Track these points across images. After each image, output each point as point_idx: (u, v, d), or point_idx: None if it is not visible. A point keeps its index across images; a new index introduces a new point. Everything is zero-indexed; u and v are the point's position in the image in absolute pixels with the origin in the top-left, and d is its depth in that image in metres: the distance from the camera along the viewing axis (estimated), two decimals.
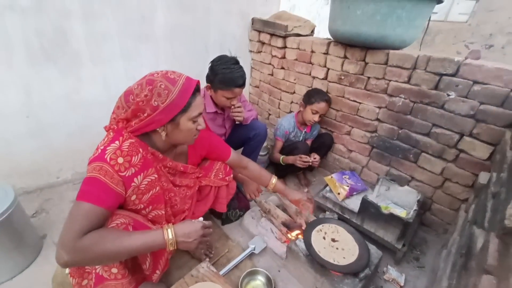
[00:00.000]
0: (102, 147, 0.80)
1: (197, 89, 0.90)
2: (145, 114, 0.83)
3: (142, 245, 0.77)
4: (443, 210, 1.55)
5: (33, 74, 1.52)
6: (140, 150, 0.86)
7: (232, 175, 1.31)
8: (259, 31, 2.32)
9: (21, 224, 1.25)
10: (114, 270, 0.79)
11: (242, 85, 1.46)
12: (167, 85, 0.82)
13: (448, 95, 1.36)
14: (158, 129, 0.88)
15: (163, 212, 0.99)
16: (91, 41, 1.66)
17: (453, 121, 1.38)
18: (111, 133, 0.85)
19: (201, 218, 0.93)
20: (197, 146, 1.14)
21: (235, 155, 1.32)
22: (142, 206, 0.91)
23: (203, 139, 1.16)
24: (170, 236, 0.81)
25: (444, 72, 1.34)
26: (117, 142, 0.81)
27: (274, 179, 1.36)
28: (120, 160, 0.80)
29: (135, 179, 0.85)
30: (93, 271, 0.79)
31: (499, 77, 1.20)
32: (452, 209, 1.51)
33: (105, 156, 0.78)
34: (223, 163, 1.27)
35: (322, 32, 3.25)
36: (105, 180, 0.77)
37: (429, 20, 1.65)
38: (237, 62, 1.46)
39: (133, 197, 0.87)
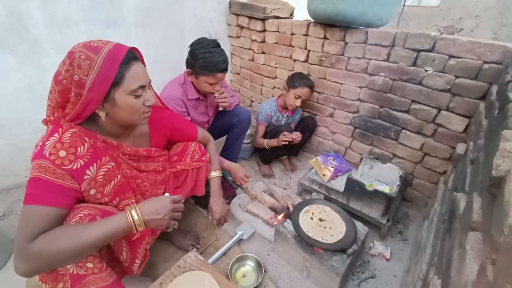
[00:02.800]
0: (41, 143, 0.72)
1: (132, 57, 0.78)
2: (72, 94, 0.73)
3: (105, 234, 0.70)
4: (424, 184, 1.61)
5: None
6: (86, 139, 0.77)
7: (208, 155, 1.24)
8: (237, 15, 2.25)
9: None
10: (90, 265, 0.73)
11: (225, 69, 1.39)
12: (89, 54, 0.71)
13: (426, 70, 1.38)
14: (96, 110, 0.78)
15: (133, 201, 0.92)
16: (52, 26, 1.52)
17: (431, 96, 1.41)
18: (50, 126, 0.76)
19: (167, 194, 0.86)
20: (159, 126, 1.06)
21: (201, 133, 1.25)
22: (107, 199, 0.84)
23: (165, 118, 1.08)
24: (136, 217, 0.74)
25: (422, 48, 1.36)
26: (56, 135, 0.73)
27: (213, 173, 1.23)
28: (62, 153, 0.72)
29: (87, 171, 0.77)
30: (67, 272, 0.72)
31: (473, 50, 1.23)
32: (431, 183, 1.57)
33: (44, 152, 0.70)
34: (197, 143, 1.20)
35: (301, 18, 3.22)
36: (47, 177, 0.69)
37: (405, 0, 1.67)
38: (218, 45, 1.38)
39: (93, 192, 0.79)
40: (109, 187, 0.84)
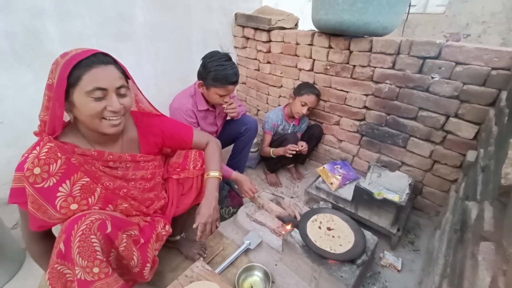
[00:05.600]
0: (26, 154, 0.75)
1: (97, 61, 0.76)
2: (46, 98, 0.76)
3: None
4: (434, 192, 1.57)
5: (4, 78, 1.44)
6: (59, 154, 0.77)
7: (205, 156, 1.18)
8: (243, 26, 2.30)
9: (0, 236, 1.17)
10: (96, 270, 0.74)
11: (236, 82, 1.43)
12: (58, 59, 0.76)
13: (432, 77, 1.37)
14: (65, 111, 0.79)
15: (127, 205, 0.93)
16: (66, 41, 1.59)
17: (439, 103, 1.39)
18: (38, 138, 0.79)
19: None
20: (148, 133, 1.05)
21: (198, 136, 1.18)
22: (97, 208, 0.85)
23: (154, 126, 1.06)
24: None
25: (427, 55, 1.36)
26: (37, 148, 0.75)
27: (212, 173, 1.11)
28: (37, 170, 0.73)
29: (60, 188, 0.77)
30: (75, 278, 0.74)
31: (480, 56, 1.23)
32: (442, 191, 1.53)
33: (24, 165, 0.73)
34: (197, 151, 1.18)
35: (306, 29, 3.28)
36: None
37: (409, 8, 1.68)
38: (229, 59, 1.42)
39: (74, 206, 0.80)
40: (94, 198, 0.84)
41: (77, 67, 0.74)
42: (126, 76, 0.86)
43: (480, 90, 1.26)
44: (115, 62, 0.83)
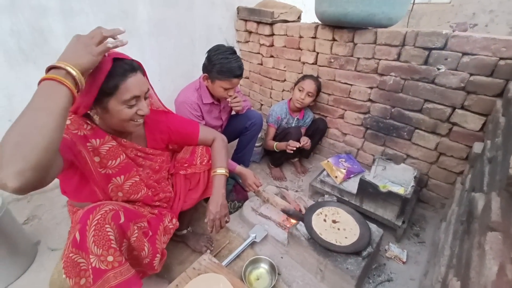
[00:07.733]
0: None
1: (129, 69, 0.79)
2: None
3: (39, 102, 0.61)
4: (440, 185, 1.57)
5: (12, 76, 1.45)
6: (88, 122, 0.83)
7: (212, 152, 1.21)
8: (245, 20, 2.28)
9: (12, 231, 1.21)
10: (110, 258, 0.76)
11: (240, 75, 1.43)
12: None
13: (438, 69, 1.36)
14: (89, 112, 0.84)
15: (138, 179, 0.96)
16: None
17: (444, 95, 1.38)
18: None
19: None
20: (155, 130, 1.07)
21: (204, 132, 1.18)
22: (111, 171, 0.89)
23: (160, 122, 1.09)
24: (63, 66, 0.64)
25: (433, 46, 1.34)
26: None
27: (219, 170, 1.12)
28: (67, 121, 0.78)
29: (91, 140, 0.83)
30: (89, 267, 0.76)
31: (487, 47, 1.21)
32: (448, 183, 1.53)
33: None
34: (204, 147, 1.19)
35: (309, 21, 3.24)
36: None
37: (414, 0, 1.65)
38: (234, 52, 1.43)
39: (97, 159, 0.85)
40: (115, 162, 0.89)
41: (111, 76, 0.76)
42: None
43: (487, 80, 1.24)
44: (139, 67, 0.86)
